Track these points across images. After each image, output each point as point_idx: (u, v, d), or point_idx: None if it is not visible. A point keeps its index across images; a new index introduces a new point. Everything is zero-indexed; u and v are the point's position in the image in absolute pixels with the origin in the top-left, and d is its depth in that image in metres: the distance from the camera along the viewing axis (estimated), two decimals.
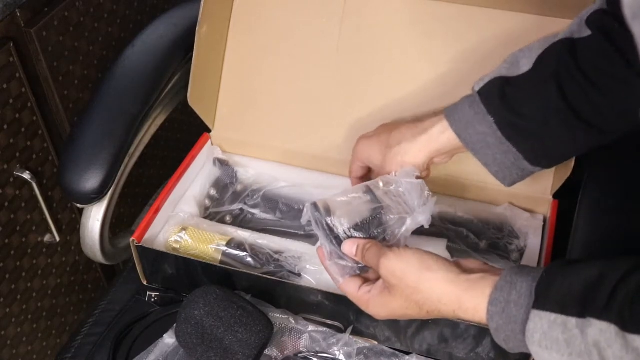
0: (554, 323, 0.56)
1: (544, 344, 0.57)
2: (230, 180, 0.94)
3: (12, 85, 0.93)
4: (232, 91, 0.96)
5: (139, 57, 0.93)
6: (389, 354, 0.76)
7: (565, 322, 0.55)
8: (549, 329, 0.56)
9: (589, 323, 0.54)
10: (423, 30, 0.89)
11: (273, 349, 0.76)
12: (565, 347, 0.55)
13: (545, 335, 0.57)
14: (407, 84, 0.90)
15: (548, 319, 0.57)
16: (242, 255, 0.82)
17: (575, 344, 0.55)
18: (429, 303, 0.65)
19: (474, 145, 0.73)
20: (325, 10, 0.91)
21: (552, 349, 0.57)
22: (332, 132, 0.93)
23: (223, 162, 0.95)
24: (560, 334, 0.56)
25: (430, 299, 0.64)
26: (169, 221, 0.87)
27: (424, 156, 0.76)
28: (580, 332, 0.54)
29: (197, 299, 0.72)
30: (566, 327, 0.55)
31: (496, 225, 0.87)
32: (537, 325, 0.57)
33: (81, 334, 0.88)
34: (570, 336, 0.55)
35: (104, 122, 0.88)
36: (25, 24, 0.93)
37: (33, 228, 1.04)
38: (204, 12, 0.88)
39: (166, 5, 1.21)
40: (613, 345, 0.52)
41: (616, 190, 0.81)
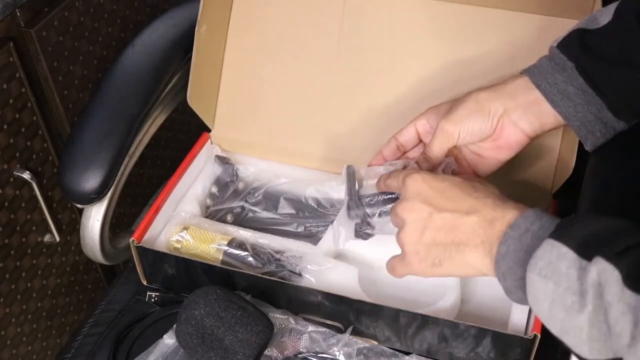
0: (564, 256, 0.55)
1: (544, 272, 0.56)
2: (231, 178, 0.94)
3: (12, 85, 0.93)
4: (232, 91, 0.96)
5: (139, 57, 0.93)
6: (388, 354, 0.76)
7: (574, 259, 0.54)
8: (556, 259, 0.55)
9: (595, 262, 0.52)
10: (423, 29, 0.89)
11: (273, 350, 0.76)
12: (565, 279, 0.54)
13: (550, 264, 0.55)
14: (407, 83, 0.90)
15: (559, 250, 0.55)
16: (244, 254, 0.82)
17: (574, 280, 0.54)
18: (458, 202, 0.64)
19: (553, 96, 0.70)
20: (325, 9, 0.91)
21: (550, 278, 0.55)
22: (332, 132, 0.93)
23: (224, 159, 0.95)
24: (564, 267, 0.54)
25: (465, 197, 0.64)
26: (170, 221, 0.87)
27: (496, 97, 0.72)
28: (585, 271, 0.53)
29: (197, 299, 0.72)
30: (572, 264, 0.54)
31: None
32: (547, 252, 0.56)
33: (81, 334, 0.88)
34: (572, 272, 0.54)
35: (104, 122, 0.88)
36: (25, 24, 0.93)
37: (33, 228, 1.04)
38: (203, 12, 0.88)
39: (166, 5, 1.21)
40: (609, 289, 0.51)
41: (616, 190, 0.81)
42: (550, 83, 0.70)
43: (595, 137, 0.72)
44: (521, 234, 0.60)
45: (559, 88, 0.70)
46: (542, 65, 0.72)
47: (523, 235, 0.60)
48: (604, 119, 0.70)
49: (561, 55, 0.70)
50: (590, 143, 0.72)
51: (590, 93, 0.69)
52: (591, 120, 0.70)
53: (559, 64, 0.70)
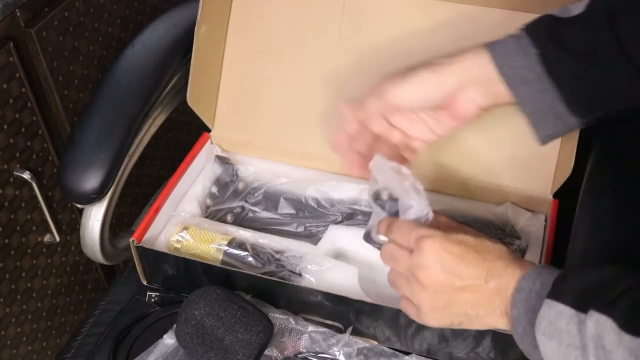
0: (561, 314, 0.56)
1: (547, 332, 0.57)
2: (231, 178, 0.94)
3: (12, 85, 0.93)
4: (232, 91, 0.96)
5: (139, 57, 0.93)
6: (388, 354, 0.76)
7: (571, 315, 0.56)
8: (554, 318, 0.57)
9: (589, 315, 0.54)
10: (423, 29, 0.89)
11: (273, 350, 0.76)
12: (565, 337, 0.56)
13: (550, 324, 0.57)
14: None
15: (556, 308, 0.57)
16: (244, 254, 0.82)
17: (574, 336, 0.55)
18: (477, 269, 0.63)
19: (510, 79, 0.70)
20: (325, 10, 0.91)
21: (553, 337, 0.57)
22: (332, 132, 0.93)
23: (224, 159, 0.95)
24: (564, 324, 0.56)
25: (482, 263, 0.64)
26: (170, 220, 0.87)
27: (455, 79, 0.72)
28: (582, 325, 0.55)
29: (197, 299, 0.72)
30: (571, 319, 0.56)
31: (497, 225, 0.87)
32: (546, 312, 0.57)
33: (81, 334, 0.88)
34: (571, 328, 0.55)
35: (104, 122, 0.88)
36: (25, 24, 0.93)
37: (33, 228, 1.04)
38: (202, 12, 0.88)
39: (166, 5, 1.21)
40: (607, 338, 0.52)
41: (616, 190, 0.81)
42: (510, 66, 0.69)
43: (546, 127, 0.71)
44: (527, 296, 0.61)
45: (517, 72, 0.69)
46: (507, 45, 0.70)
47: (528, 296, 0.60)
48: (556, 111, 0.69)
49: (527, 39, 0.69)
50: (542, 133, 0.71)
51: (548, 82, 0.68)
52: (544, 109, 0.69)
53: (522, 46, 0.69)
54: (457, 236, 0.66)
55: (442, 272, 0.64)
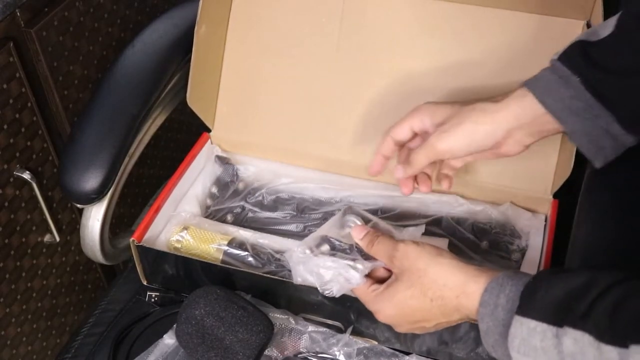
0: (534, 330, 0.56)
1: (522, 350, 0.57)
2: (231, 178, 0.94)
3: (12, 85, 0.93)
4: (232, 91, 0.96)
5: (139, 57, 0.93)
6: (388, 354, 0.76)
7: (544, 331, 0.55)
8: (528, 336, 0.56)
9: (564, 332, 0.53)
10: (423, 29, 0.89)
11: (273, 350, 0.76)
12: (542, 355, 0.55)
13: (524, 342, 0.56)
14: (407, 83, 0.90)
15: (528, 325, 0.56)
16: (244, 254, 0.82)
17: (551, 353, 0.54)
18: (434, 287, 0.64)
19: (560, 112, 0.67)
20: (325, 9, 0.91)
21: (529, 355, 0.56)
22: (332, 132, 0.93)
23: (224, 159, 0.95)
24: (538, 341, 0.55)
25: (436, 282, 0.64)
26: (170, 220, 0.87)
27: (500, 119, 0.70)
28: (558, 341, 0.54)
29: (197, 299, 0.72)
30: (545, 336, 0.55)
31: (497, 225, 0.87)
32: (518, 330, 0.57)
33: (81, 334, 0.88)
34: (547, 345, 0.55)
35: (104, 122, 0.88)
36: (25, 24, 0.93)
37: (33, 228, 1.04)
38: (202, 12, 0.88)
39: (166, 5, 1.21)
40: (586, 355, 0.52)
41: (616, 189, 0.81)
42: (556, 99, 0.67)
43: (604, 152, 0.68)
44: (492, 310, 0.60)
45: (565, 104, 0.67)
46: (546, 79, 0.68)
47: (494, 310, 0.60)
48: (613, 133, 0.67)
49: (564, 69, 0.67)
50: (601, 159, 0.69)
51: (598, 107, 0.66)
52: (600, 135, 0.67)
53: (563, 77, 0.67)
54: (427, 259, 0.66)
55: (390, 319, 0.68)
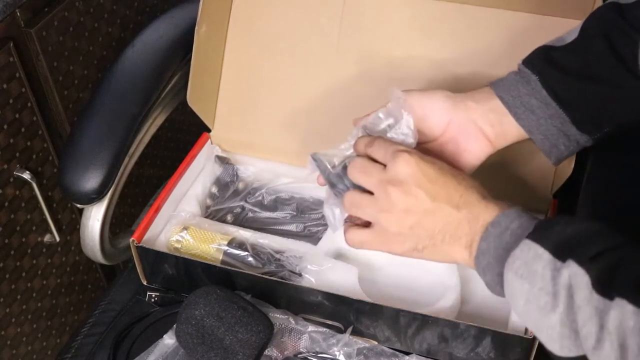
0: (540, 257, 0.56)
1: (520, 271, 0.57)
2: (231, 178, 0.94)
3: (12, 85, 0.93)
4: (232, 91, 0.96)
5: (139, 57, 0.93)
6: (388, 354, 0.76)
7: (549, 260, 0.56)
8: (532, 259, 0.57)
9: (566, 265, 0.54)
10: (423, 29, 0.89)
11: (273, 350, 0.76)
12: (540, 280, 0.56)
13: (526, 264, 0.57)
14: (407, 83, 0.90)
15: (536, 251, 0.57)
16: (244, 254, 0.82)
17: (548, 281, 0.55)
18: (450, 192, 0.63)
19: (516, 109, 0.70)
20: (325, 9, 0.91)
21: (525, 278, 0.57)
22: (332, 132, 0.93)
23: (224, 159, 0.95)
24: (540, 268, 0.56)
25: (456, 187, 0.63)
26: (170, 220, 0.87)
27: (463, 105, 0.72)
28: (557, 273, 0.55)
29: (197, 299, 0.72)
30: (547, 264, 0.56)
31: None
32: (523, 252, 0.57)
33: (81, 334, 0.88)
34: (547, 273, 0.55)
35: (104, 122, 0.88)
36: (25, 24, 0.93)
37: (33, 228, 1.04)
38: (202, 12, 0.88)
39: (166, 5, 1.21)
40: (578, 292, 0.53)
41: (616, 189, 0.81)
42: (514, 95, 0.70)
43: (559, 150, 0.71)
44: (501, 232, 0.61)
45: (522, 100, 0.70)
46: (508, 78, 0.72)
47: (503, 232, 0.60)
48: (567, 132, 0.70)
49: (526, 69, 0.71)
50: (555, 157, 0.72)
51: (554, 106, 0.69)
52: (554, 133, 0.70)
53: (523, 77, 0.71)
54: (435, 160, 0.66)
55: (415, 189, 0.64)
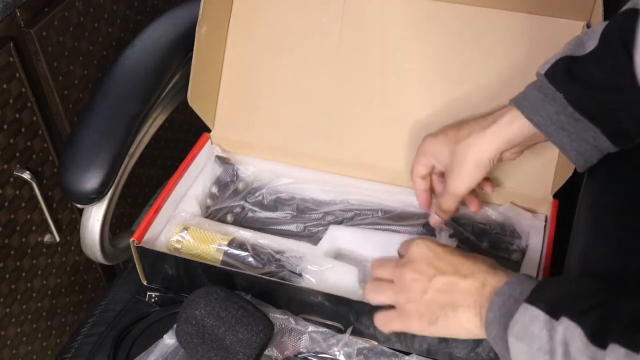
0: (536, 318, 0.58)
1: (520, 334, 0.58)
2: (231, 178, 0.94)
3: (12, 85, 0.93)
4: (232, 91, 0.96)
5: (139, 57, 0.93)
6: (389, 354, 0.76)
7: (545, 321, 0.57)
8: (529, 322, 0.58)
9: (560, 322, 0.56)
10: (423, 29, 0.89)
11: (273, 350, 0.76)
12: (536, 340, 0.57)
13: (524, 327, 0.58)
14: (407, 83, 0.90)
15: (532, 313, 0.58)
16: (244, 255, 0.82)
17: (545, 340, 0.56)
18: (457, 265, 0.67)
19: (547, 127, 0.71)
20: (325, 9, 0.91)
21: (524, 340, 0.58)
22: (332, 132, 0.93)
23: (224, 159, 0.95)
24: (537, 329, 0.57)
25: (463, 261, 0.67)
26: (170, 221, 0.87)
27: (494, 148, 0.75)
28: (553, 331, 0.56)
29: (197, 298, 0.72)
30: (544, 325, 0.57)
31: (498, 225, 0.87)
32: (522, 316, 0.59)
33: (81, 334, 0.88)
34: (543, 333, 0.57)
35: (104, 122, 0.88)
36: (25, 24, 0.93)
37: (33, 228, 1.04)
38: (203, 13, 0.88)
39: (166, 5, 1.21)
40: (573, 345, 0.54)
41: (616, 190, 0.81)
42: (543, 116, 0.71)
43: (591, 162, 0.72)
44: (505, 301, 0.62)
45: (552, 119, 0.70)
46: (532, 96, 0.72)
47: (507, 301, 0.62)
48: (600, 146, 0.70)
49: (549, 85, 0.70)
50: (586, 167, 0.73)
51: (583, 121, 0.69)
52: (587, 149, 0.70)
53: (548, 94, 0.70)
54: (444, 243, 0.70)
55: (425, 266, 0.68)
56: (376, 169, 0.91)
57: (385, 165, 0.91)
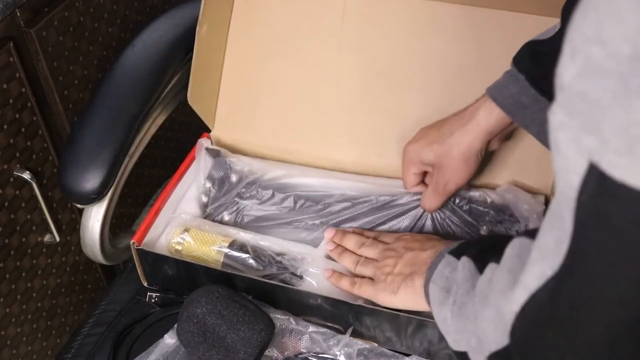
0: (448, 264, 0.65)
1: (435, 279, 0.66)
2: (225, 171, 0.93)
3: (12, 85, 0.93)
4: (232, 91, 0.96)
5: (139, 57, 0.93)
6: (389, 355, 0.76)
7: (451, 261, 0.65)
8: (443, 268, 0.66)
9: (461, 260, 0.63)
10: (423, 30, 0.89)
11: (274, 350, 0.76)
12: (443, 280, 0.65)
13: (439, 272, 0.66)
14: (407, 84, 0.90)
15: (447, 260, 0.66)
16: (245, 257, 0.81)
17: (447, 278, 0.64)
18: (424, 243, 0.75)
19: (510, 107, 0.73)
20: (326, 10, 0.91)
21: (435, 282, 0.66)
22: (333, 132, 0.93)
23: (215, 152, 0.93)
24: (448, 272, 0.65)
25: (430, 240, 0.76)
26: (170, 222, 0.87)
27: (479, 142, 0.77)
28: (455, 269, 0.63)
29: (199, 297, 0.72)
30: (448, 264, 0.65)
31: (496, 208, 0.86)
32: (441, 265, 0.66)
33: (81, 334, 0.88)
34: (449, 273, 0.64)
35: (104, 122, 0.88)
36: (25, 24, 0.93)
37: (33, 228, 1.04)
38: (204, 13, 0.88)
39: (166, 5, 1.21)
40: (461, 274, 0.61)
41: None
42: (506, 95, 0.74)
43: None
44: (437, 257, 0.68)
45: (514, 99, 0.73)
46: (501, 79, 0.75)
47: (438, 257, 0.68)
48: None
49: (513, 69, 0.74)
50: None
51: (543, 101, 0.71)
52: None
53: (513, 76, 0.73)
54: None
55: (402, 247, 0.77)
56: (376, 169, 0.91)
57: (385, 165, 0.91)
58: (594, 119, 0.36)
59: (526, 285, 0.45)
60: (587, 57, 0.36)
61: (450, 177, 0.80)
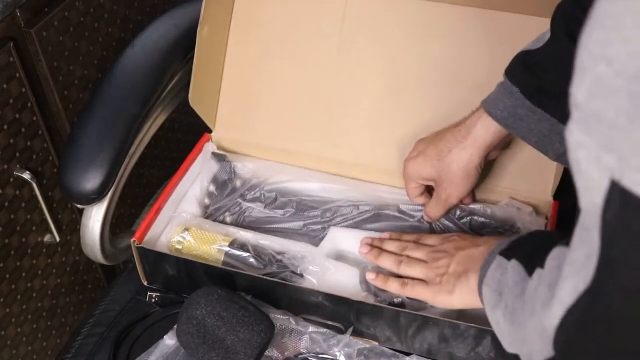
0: (499, 266, 0.64)
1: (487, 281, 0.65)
2: (229, 175, 0.94)
3: (12, 85, 0.93)
4: (233, 91, 0.96)
5: (139, 57, 0.93)
6: (389, 355, 0.76)
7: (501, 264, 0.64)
8: (494, 269, 0.64)
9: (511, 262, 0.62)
10: (423, 31, 0.89)
11: (274, 350, 0.76)
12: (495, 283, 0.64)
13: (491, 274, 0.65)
14: (407, 84, 0.90)
15: (499, 262, 0.64)
16: (245, 255, 0.82)
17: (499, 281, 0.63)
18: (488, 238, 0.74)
19: (506, 120, 0.74)
20: (326, 11, 0.91)
21: (488, 284, 0.65)
22: (333, 133, 0.93)
23: (220, 156, 0.95)
24: (499, 274, 0.63)
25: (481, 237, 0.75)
26: (171, 221, 0.87)
27: (477, 157, 0.78)
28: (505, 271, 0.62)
29: (198, 298, 0.72)
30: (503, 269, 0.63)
31: (497, 221, 0.86)
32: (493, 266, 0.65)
33: (81, 334, 0.88)
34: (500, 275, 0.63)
35: (104, 122, 0.88)
36: (25, 24, 0.93)
37: (33, 228, 1.04)
38: (205, 13, 0.88)
39: (166, 5, 1.21)
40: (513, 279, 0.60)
41: None
42: (501, 108, 0.74)
43: (555, 148, 0.74)
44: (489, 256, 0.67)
45: (510, 112, 0.73)
46: (495, 92, 0.76)
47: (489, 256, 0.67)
48: (559, 131, 0.72)
49: (507, 81, 0.74)
50: (552, 154, 0.75)
51: (539, 112, 0.72)
52: (547, 134, 0.73)
53: (506, 89, 0.74)
54: None
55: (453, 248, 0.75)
56: (376, 170, 0.91)
57: (385, 165, 0.91)
58: (611, 138, 0.36)
59: (562, 301, 0.45)
60: (595, 76, 0.36)
61: (452, 190, 0.81)
